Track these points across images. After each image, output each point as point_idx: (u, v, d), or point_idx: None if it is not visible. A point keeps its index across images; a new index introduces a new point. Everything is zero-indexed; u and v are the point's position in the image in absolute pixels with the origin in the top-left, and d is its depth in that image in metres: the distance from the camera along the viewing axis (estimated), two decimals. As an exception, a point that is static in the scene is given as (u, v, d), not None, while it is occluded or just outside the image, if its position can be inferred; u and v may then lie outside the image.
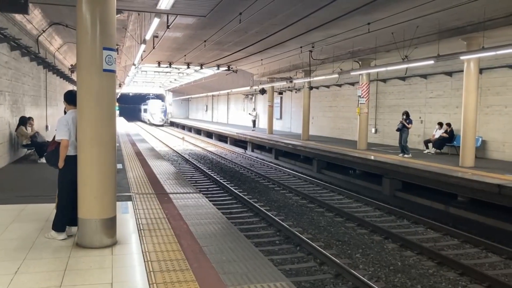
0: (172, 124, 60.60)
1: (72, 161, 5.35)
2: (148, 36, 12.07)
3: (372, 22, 12.64)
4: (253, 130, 31.08)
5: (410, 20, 12.09)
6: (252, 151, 26.84)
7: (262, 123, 34.14)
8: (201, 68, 26.93)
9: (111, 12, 5.19)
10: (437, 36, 13.35)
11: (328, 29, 14.08)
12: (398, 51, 14.51)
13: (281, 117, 32.50)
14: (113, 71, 5.25)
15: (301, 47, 17.60)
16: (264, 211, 10.77)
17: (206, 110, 55.24)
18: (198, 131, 41.99)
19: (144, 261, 4.78)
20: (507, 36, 12.17)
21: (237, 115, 42.94)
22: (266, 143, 24.09)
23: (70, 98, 5.69)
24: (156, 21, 9.78)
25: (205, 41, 17.78)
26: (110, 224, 5.32)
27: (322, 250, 7.90)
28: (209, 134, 37.46)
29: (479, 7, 10.70)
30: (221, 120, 48.21)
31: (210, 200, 8.69)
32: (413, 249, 8.29)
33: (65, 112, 5.87)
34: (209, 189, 14.07)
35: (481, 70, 14.30)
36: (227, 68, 27.17)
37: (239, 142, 30.03)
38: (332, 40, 15.86)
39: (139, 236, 5.68)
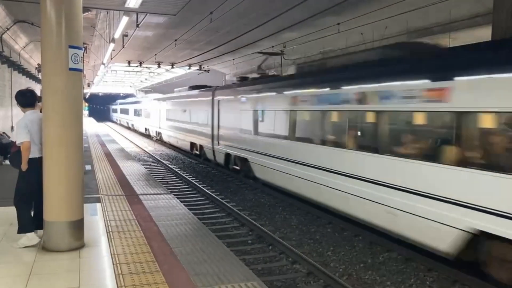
0: None
1: (35, 163, 5.19)
2: (117, 35, 11.89)
3: (341, 22, 12.79)
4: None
5: (379, 21, 12.30)
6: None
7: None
8: (172, 67, 26.71)
9: (76, 10, 5.08)
10: (406, 36, 13.62)
11: (299, 29, 14.18)
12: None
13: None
14: (80, 70, 5.14)
15: (272, 46, 17.66)
16: (237, 211, 10.75)
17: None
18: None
19: (113, 264, 4.69)
20: (472, 37, 12.49)
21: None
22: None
23: (23, 101, 5.48)
24: (125, 19, 9.64)
25: (175, 40, 17.64)
26: (78, 227, 5.20)
27: (294, 249, 7.93)
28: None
29: (446, 9, 10.98)
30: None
31: (182, 201, 8.62)
32: (383, 246, 8.41)
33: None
34: (181, 189, 13.94)
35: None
36: (198, 68, 27.02)
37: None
38: (303, 40, 15.97)
39: (108, 238, 5.58)
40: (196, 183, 14.51)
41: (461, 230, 6.15)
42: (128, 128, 50.24)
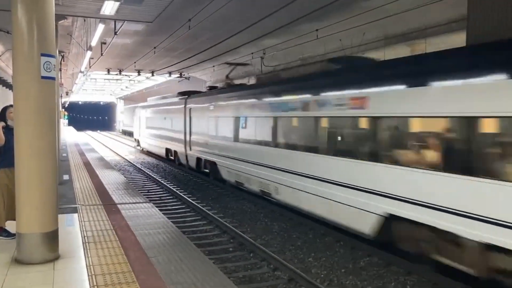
0: (125, 132, 59.17)
1: None
2: (94, 43, 11.76)
3: (320, 28, 12.88)
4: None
5: (357, 27, 12.43)
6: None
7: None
8: (152, 75, 26.58)
9: (49, 17, 4.99)
10: (384, 42, 13.79)
11: (278, 36, 14.24)
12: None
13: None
14: (53, 78, 5.04)
15: (252, 53, 17.70)
16: (218, 218, 10.67)
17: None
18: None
19: (88, 275, 4.59)
20: (447, 43, 12.71)
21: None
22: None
23: None
24: (101, 27, 9.54)
25: (155, 47, 17.55)
26: (52, 238, 5.08)
27: (275, 255, 7.89)
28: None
29: (422, 15, 11.15)
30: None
31: (162, 210, 8.52)
32: (364, 251, 8.44)
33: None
34: (162, 198, 13.80)
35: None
36: (179, 75, 26.93)
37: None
38: (282, 46, 16.05)
39: (84, 249, 5.46)
40: (177, 191, 14.39)
41: None
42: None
